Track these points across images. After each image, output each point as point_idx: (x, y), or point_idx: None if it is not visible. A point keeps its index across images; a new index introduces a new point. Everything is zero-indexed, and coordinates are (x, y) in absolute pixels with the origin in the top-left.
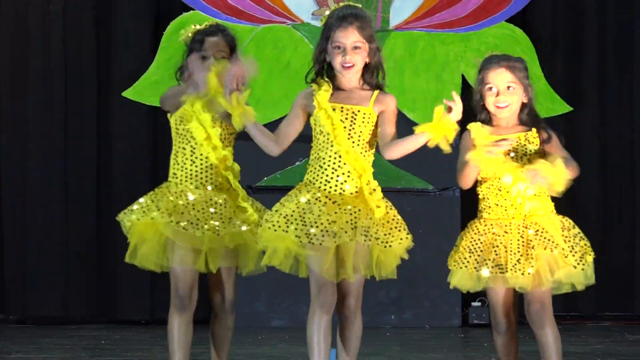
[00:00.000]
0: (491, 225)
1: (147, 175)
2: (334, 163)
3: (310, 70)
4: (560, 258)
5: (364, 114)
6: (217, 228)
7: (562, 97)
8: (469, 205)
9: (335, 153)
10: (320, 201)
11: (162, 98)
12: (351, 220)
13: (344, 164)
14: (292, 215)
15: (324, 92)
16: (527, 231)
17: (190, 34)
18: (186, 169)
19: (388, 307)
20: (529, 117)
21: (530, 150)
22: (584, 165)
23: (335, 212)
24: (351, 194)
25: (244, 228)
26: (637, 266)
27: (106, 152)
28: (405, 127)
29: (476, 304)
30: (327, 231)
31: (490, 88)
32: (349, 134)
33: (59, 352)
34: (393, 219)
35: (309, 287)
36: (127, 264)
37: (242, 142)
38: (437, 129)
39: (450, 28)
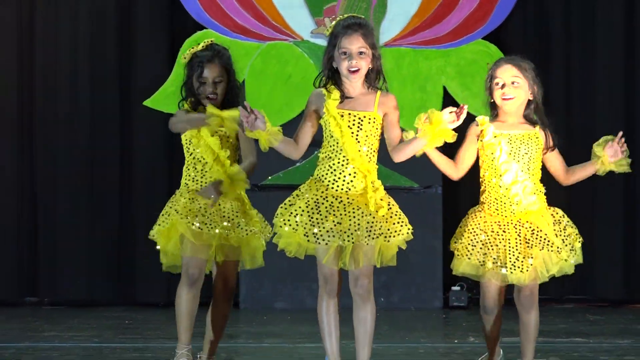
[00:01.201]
0: (491, 224)
1: (165, 173)
2: (342, 165)
3: (319, 76)
4: (554, 255)
5: (370, 118)
6: (226, 231)
7: None
8: (449, 201)
9: (343, 156)
10: (327, 201)
11: (171, 122)
12: (355, 222)
13: (351, 166)
14: (301, 214)
15: (332, 101)
16: (523, 229)
17: (190, 55)
18: (197, 181)
19: (378, 290)
20: (534, 114)
21: (532, 149)
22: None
23: (341, 214)
24: (357, 192)
25: (247, 233)
26: (596, 255)
27: (128, 152)
28: None
29: (456, 288)
30: (332, 231)
31: (497, 82)
32: (356, 138)
33: (87, 331)
34: (395, 214)
35: (308, 274)
36: (146, 254)
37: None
38: (437, 134)
39: (432, 45)
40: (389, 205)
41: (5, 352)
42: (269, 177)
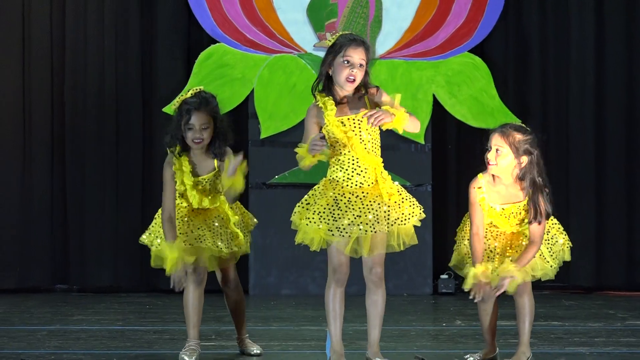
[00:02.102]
0: (486, 235)
1: None
2: (352, 163)
3: (315, 81)
4: (540, 262)
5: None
6: (218, 245)
7: (512, 112)
8: (437, 198)
9: (351, 156)
10: (345, 197)
11: (165, 172)
12: (374, 214)
13: (361, 164)
14: (323, 212)
15: (330, 112)
16: (516, 240)
17: (178, 102)
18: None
19: None
20: (526, 182)
21: (521, 215)
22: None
23: (359, 207)
24: (369, 185)
25: (235, 248)
26: (571, 247)
27: (149, 153)
28: (387, 135)
29: (444, 276)
30: (352, 224)
31: (487, 148)
32: (360, 139)
33: (112, 315)
34: (406, 199)
35: (310, 264)
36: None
37: (257, 148)
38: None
39: (423, 57)
40: (398, 191)
41: (39, 334)
42: (276, 177)
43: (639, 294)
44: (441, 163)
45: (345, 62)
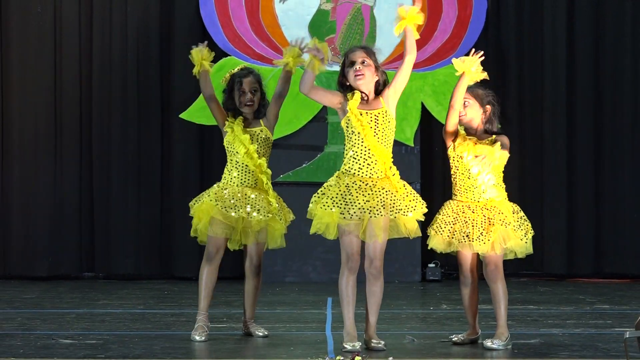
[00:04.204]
0: (462, 206)
1: (197, 169)
2: (365, 155)
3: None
4: (511, 232)
5: (383, 113)
6: (248, 213)
7: None
8: (426, 194)
9: (365, 147)
10: (356, 184)
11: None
12: (381, 199)
13: (372, 155)
14: (336, 197)
15: (354, 101)
16: (488, 211)
17: (228, 77)
18: (231, 173)
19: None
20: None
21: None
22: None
23: (369, 193)
24: (378, 177)
25: (269, 216)
26: (545, 238)
27: (167, 155)
28: None
29: (431, 265)
30: (363, 209)
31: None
32: (375, 132)
33: (133, 300)
34: (410, 193)
35: (312, 254)
36: (182, 238)
37: None
38: (408, 20)
39: (412, 69)
40: (404, 186)
41: (68, 317)
42: (281, 176)
43: (605, 281)
44: (428, 163)
45: (350, 64)
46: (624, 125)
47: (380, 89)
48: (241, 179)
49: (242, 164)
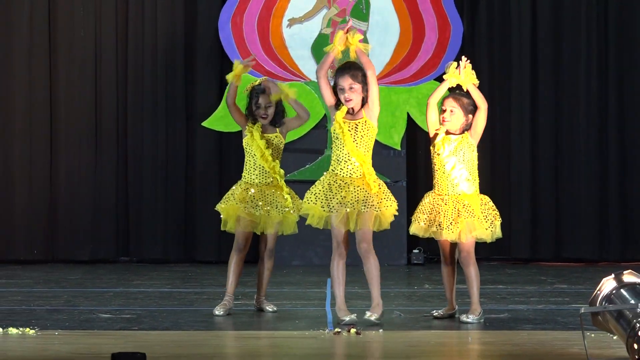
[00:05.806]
0: (437, 198)
1: (216, 169)
2: (345, 157)
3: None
4: (477, 222)
5: (362, 123)
6: (268, 210)
7: None
8: (410, 191)
9: (346, 151)
10: (337, 182)
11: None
12: (356, 195)
13: (352, 158)
14: (318, 193)
15: (341, 112)
16: (458, 204)
17: (250, 88)
18: (251, 173)
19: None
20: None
21: (465, 148)
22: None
23: (346, 191)
24: (357, 177)
25: (285, 210)
26: (512, 227)
27: (191, 156)
28: (376, 145)
29: (416, 251)
30: (340, 203)
31: (443, 109)
32: (354, 139)
33: (163, 281)
34: (384, 192)
35: (314, 241)
36: (204, 226)
37: None
38: (353, 44)
39: (400, 84)
40: (379, 185)
41: (106, 295)
42: (288, 175)
43: (564, 265)
44: (413, 164)
45: (340, 90)
46: (581, 130)
47: (365, 101)
48: (259, 179)
49: (260, 165)
